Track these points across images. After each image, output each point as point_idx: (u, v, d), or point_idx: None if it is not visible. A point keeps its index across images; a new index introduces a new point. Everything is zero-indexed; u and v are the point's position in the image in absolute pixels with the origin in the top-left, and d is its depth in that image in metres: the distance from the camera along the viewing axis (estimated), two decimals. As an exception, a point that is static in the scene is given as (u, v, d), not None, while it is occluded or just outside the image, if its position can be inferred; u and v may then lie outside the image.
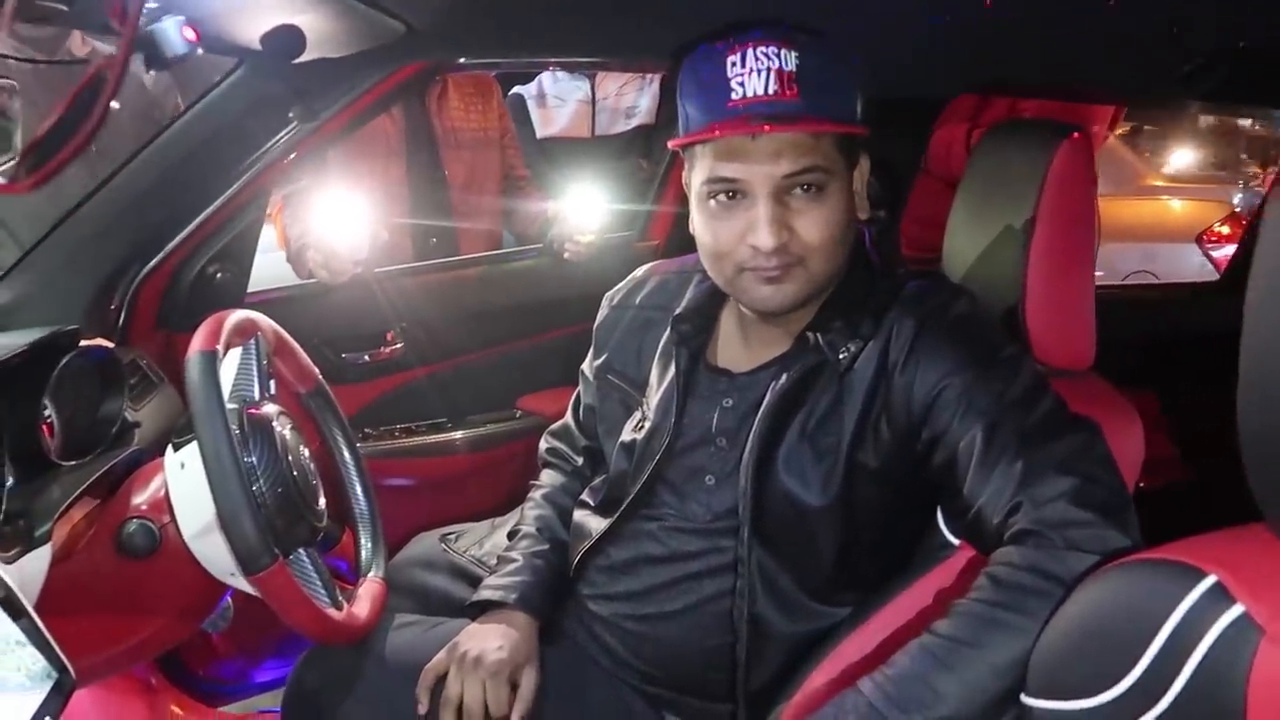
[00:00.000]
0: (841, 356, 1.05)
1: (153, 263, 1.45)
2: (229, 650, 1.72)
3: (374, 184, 1.94)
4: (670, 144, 1.09)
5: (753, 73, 0.99)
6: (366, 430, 1.81)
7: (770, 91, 0.99)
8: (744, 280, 1.06)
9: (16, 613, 0.88)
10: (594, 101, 2.53)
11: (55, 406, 1.18)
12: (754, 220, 1.01)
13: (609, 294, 1.33)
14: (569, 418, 1.39)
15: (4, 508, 1.00)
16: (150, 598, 1.07)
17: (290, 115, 1.32)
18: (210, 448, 0.95)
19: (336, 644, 1.09)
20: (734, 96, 0.99)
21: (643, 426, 1.19)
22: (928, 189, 2.18)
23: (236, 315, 1.09)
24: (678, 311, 1.19)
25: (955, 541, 1.03)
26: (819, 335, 1.07)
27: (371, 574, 1.23)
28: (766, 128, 0.98)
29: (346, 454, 1.31)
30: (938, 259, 1.34)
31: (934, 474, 1.02)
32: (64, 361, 1.14)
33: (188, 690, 1.66)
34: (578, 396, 1.38)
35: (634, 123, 2.56)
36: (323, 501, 1.14)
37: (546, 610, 1.22)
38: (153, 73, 2.16)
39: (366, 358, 1.78)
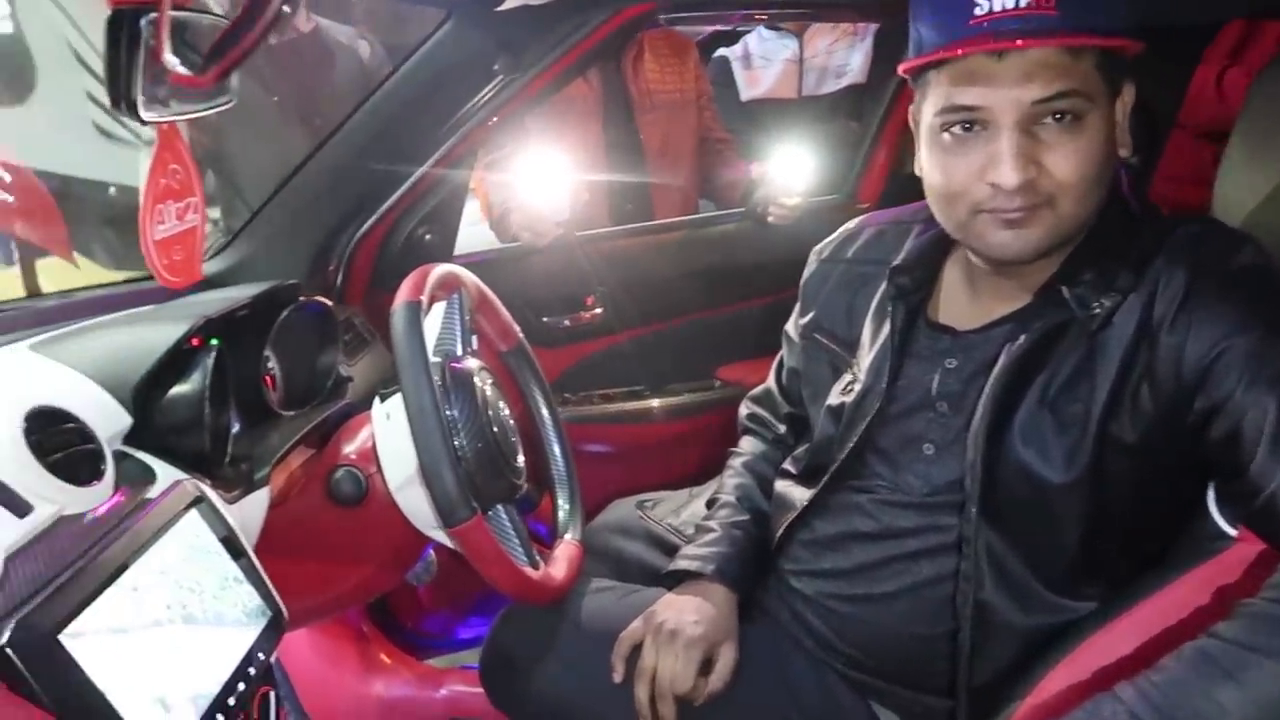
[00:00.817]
0: (1094, 312, 0.92)
1: (367, 225, 1.49)
2: (435, 605, 1.77)
3: (571, 149, 1.93)
4: (901, 68, 0.98)
5: None
6: (566, 395, 1.81)
7: (1021, 4, 0.86)
8: (979, 224, 0.94)
9: (236, 552, 0.91)
10: (801, 60, 2.41)
11: (277, 358, 1.23)
12: (995, 154, 0.89)
13: (817, 248, 1.23)
14: (771, 382, 1.31)
15: (229, 452, 1.04)
16: (357, 546, 1.09)
17: (495, 68, 1.31)
18: (413, 397, 0.94)
19: (532, 603, 1.07)
20: (978, 11, 0.87)
21: (852, 389, 1.10)
22: (1180, 144, 1.94)
23: (440, 269, 1.09)
24: (895, 263, 1.08)
25: (1232, 531, 0.87)
26: (1066, 288, 0.94)
27: (568, 536, 1.21)
28: (1019, 43, 0.86)
29: (545, 414, 1.29)
30: None
31: (1209, 451, 0.86)
32: (284, 314, 1.18)
33: (396, 641, 1.72)
34: (780, 359, 1.30)
35: (844, 82, 2.42)
36: (522, 459, 1.12)
37: (745, 584, 1.15)
38: (368, 46, 2.26)
39: (566, 322, 1.77)
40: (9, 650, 0.64)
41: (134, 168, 1.99)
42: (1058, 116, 0.88)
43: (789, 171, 1.89)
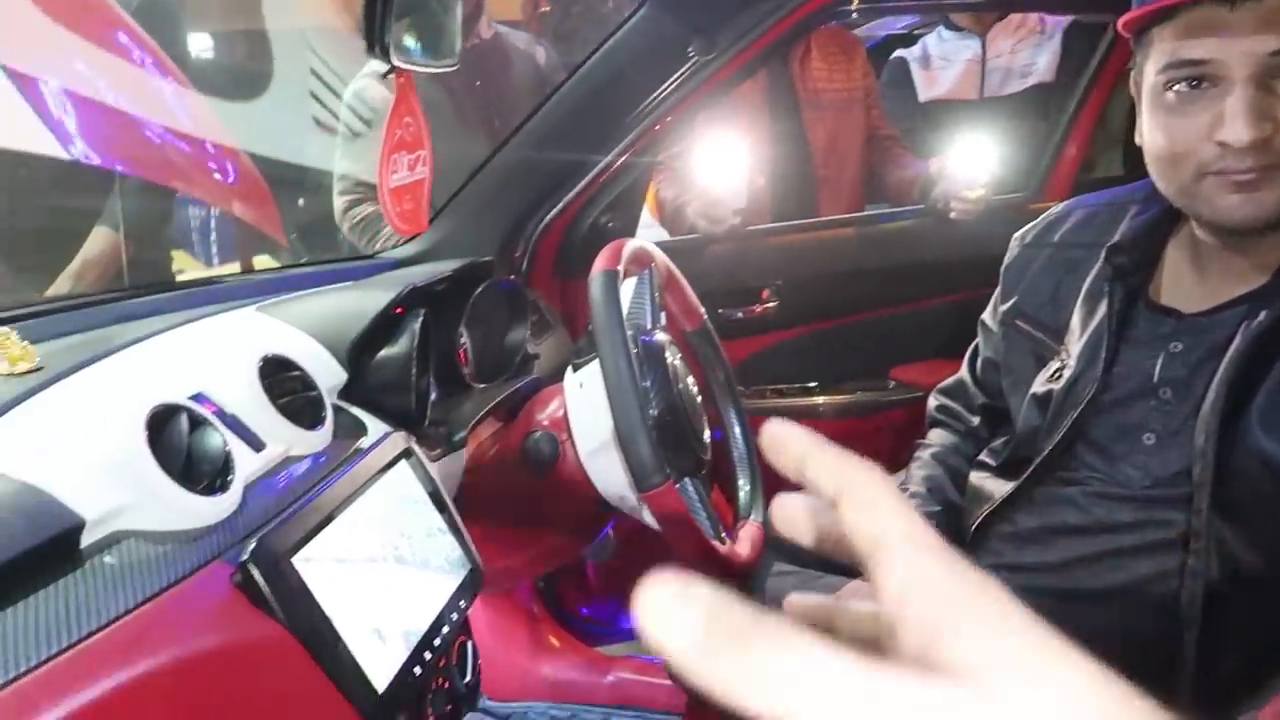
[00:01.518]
0: None
1: (553, 212, 1.53)
2: (603, 592, 1.79)
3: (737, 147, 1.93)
4: (1119, 23, 0.92)
5: None
6: (739, 388, 1.79)
7: None
8: (1206, 188, 0.87)
9: (440, 504, 0.94)
10: (984, 61, 2.33)
11: (468, 333, 1.27)
12: (1226, 110, 0.82)
13: (1019, 233, 1.18)
14: (964, 373, 1.26)
15: (429, 415, 1.08)
16: (545, 513, 1.11)
17: (689, 51, 1.32)
18: (610, 362, 0.95)
19: (714, 576, 1.05)
20: None
21: (1060, 376, 1.04)
22: None
23: (634, 243, 1.10)
24: (1113, 241, 1.02)
25: None
26: None
27: (751, 517, 1.19)
28: None
29: (728, 395, 1.28)
30: None
31: None
32: (479, 289, 1.23)
33: (564, 624, 1.74)
34: (975, 349, 1.24)
35: (1029, 82, 2.32)
36: (708, 434, 1.12)
37: (936, 576, 1.10)
38: (544, 52, 2.33)
39: (740, 314, 1.76)
40: (250, 565, 0.68)
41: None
42: None
43: (971, 165, 1.82)
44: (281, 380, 0.90)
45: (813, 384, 1.83)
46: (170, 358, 0.90)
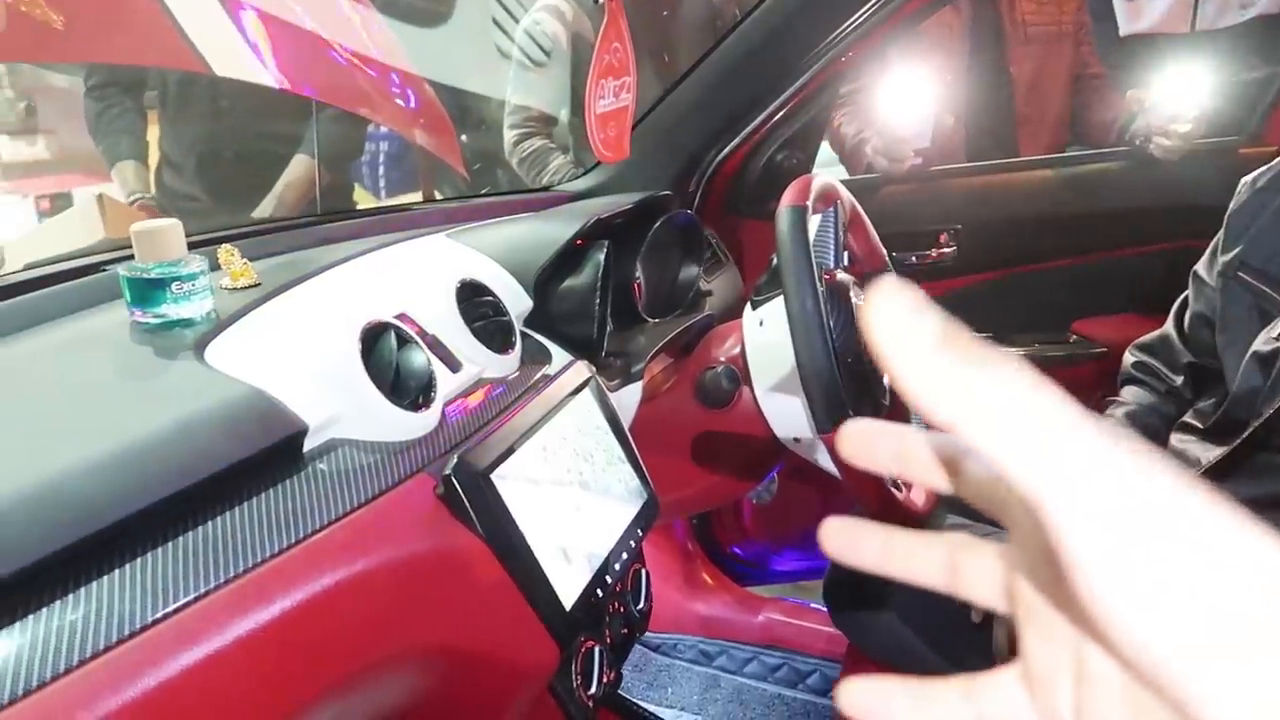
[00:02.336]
0: None
1: (728, 148, 1.51)
2: (757, 533, 1.79)
3: (931, 82, 1.83)
4: None
5: None
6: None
7: None
8: None
9: (620, 433, 0.96)
10: (1199, -12, 2.13)
11: (644, 267, 1.27)
12: None
13: (1249, 177, 1.08)
14: (1169, 327, 1.17)
15: (606, 347, 1.10)
16: (717, 448, 1.11)
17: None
18: (796, 299, 0.93)
19: (888, 521, 1.03)
20: None
21: None
22: None
23: (821, 178, 1.07)
24: None
25: None
26: None
27: (925, 467, 1.15)
28: None
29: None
30: None
31: None
32: (658, 223, 1.22)
33: (717, 563, 1.76)
34: (1183, 302, 1.16)
35: (1250, 13, 2.11)
36: (888, 380, 1.09)
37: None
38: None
39: (913, 259, 1.69)
40: (453, 479, 0.71)
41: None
42: None
43: (1178, 97, 1.67)
44: (475, 305, 0.93)
45: (989, 334, 1.75)
46: (375, 279, 0.94)
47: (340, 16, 1.60)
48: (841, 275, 1.07)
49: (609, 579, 0.84)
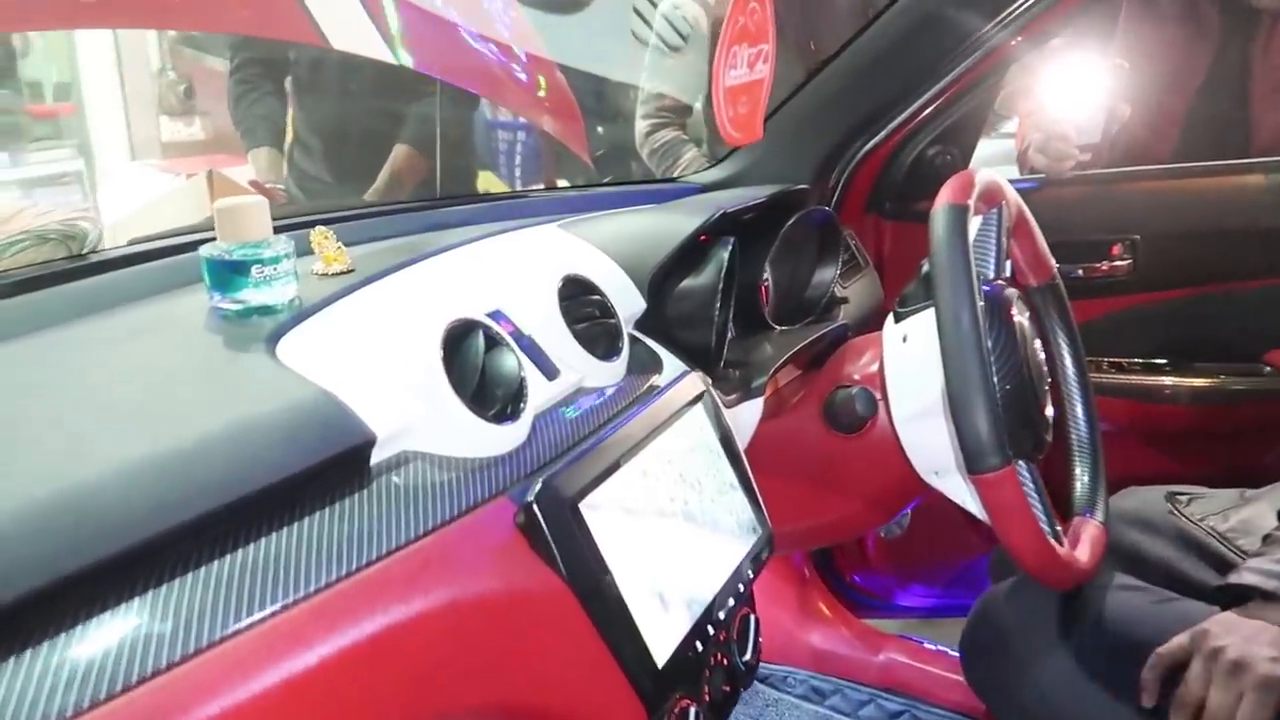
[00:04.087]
0: None
1: (875, 140, 1.37)
2: (881, 563, 1.64)
3: (1166, 71, 1.59)
4: None
5: None
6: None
7: None
8: None
9: (734, 456, 0.84)
10: None
11: (773, 268, 1.15)
12: None
13: None
14: None
15: (726, 356, 0.99)
16: (847, 477, 0.98)
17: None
18: (950, 314, 0.79)
19: (1048, 582, 0.88)
20: None
21: None
22: None
23: (985, 176, 0.92)
24: None
25: None
26: None
27: (1090, 515, 0.99)
28: None
29: (1071, 367, 1.08)
30: None
31: None
32: (791, 220, 1.10)
33: (835, 592, 1.62)
34: None
35: None
36: (1051, 411, 0.93)
37: (1341, 625, 0.86)
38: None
39: (1080, 271, 1.50)
40: (535, 507, 0.62)
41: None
42: None
43: None
44: (580, 303, 0.83)
45: (1163, 361, 1.54)
46: (473, 269, 0.85)
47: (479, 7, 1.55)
48: (1004, 287, 0.93)
49: (711, 628, 0.73)
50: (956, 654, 1.44)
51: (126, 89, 3.84)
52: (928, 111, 1.35)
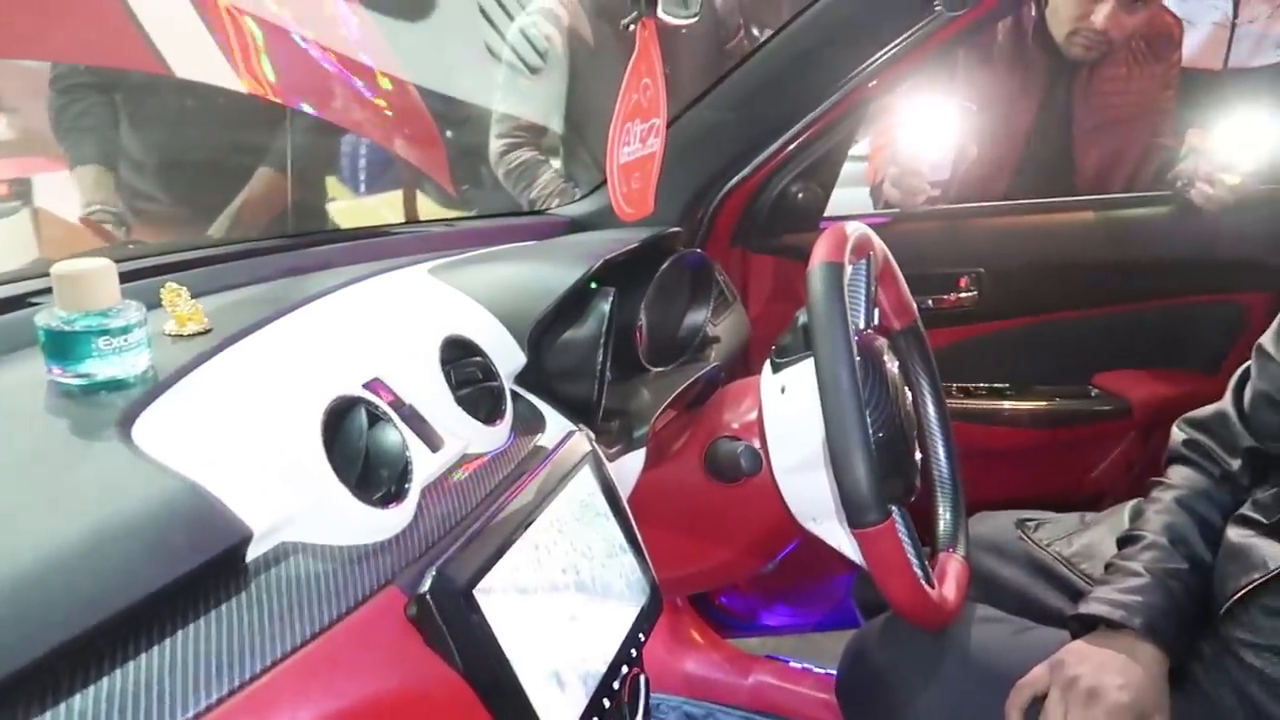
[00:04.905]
0: None
1: (741, 174, 1.39)
2: (748, 585, 1.68)
3: (1001, 114, 1.69)
4: None
5: None
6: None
7: None
8: None
9: (622, 516, 0.83)
10: (1234, 25, 2.03)
11: (647, 310, 1.15)
12: None
13: None
14: (1228, 405, 1.06)
15: (604, 405, 0.97)
16: (728, 525, 0.99)
17: (936, 5, 1.14)
18: (830, 372, 0.81)
19: (923, 625, 0.92)
20: None
21: None
22: None
23: (857, 229, 0.95)
24: None
25: None
26: None
27: (956, 552, 1.04)
28: None
29: (932, 407, 1.13)
30: None
31: None
32: (666, 264, 1.10)
33: (705, 616, 1.64)
34: (1244, 378, 1.05)
35: (1288, 52, 2.02)
36: (918, 455, 0.97)
37: (1180, 648, 0.94)
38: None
39: (930, 303, 1.58)
40: (429, 599, 0.59)
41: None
42: None
43: (1233, 143, 1.54)
44: (461, 366, 0.80)
45: (1006, 386, 1.64)
46: (345, 328, 0.81)
47: (321, 15, 1.46)
48: (873, 337, 0.96)
49: (607, 700, 0.71)
50: (822, 671, 1.49)
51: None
52: (791, 149, 1.39)
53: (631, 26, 0.70)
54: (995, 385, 1.64)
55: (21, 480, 0.55)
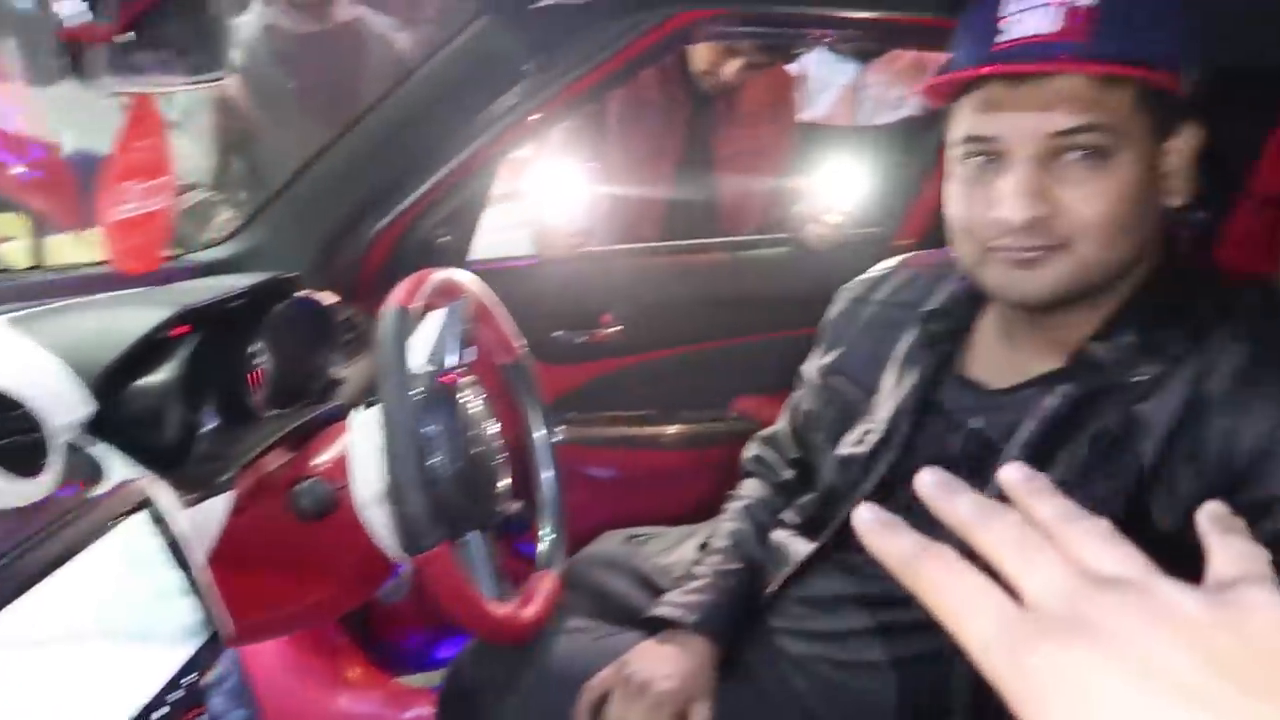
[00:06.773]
0: (1135, 380, 0.83)
1: (385, 220, 1.44)
2: (414, 620, 1.71)
3: (649, 154, 1.86)
4: (922, 90, 0.91)
5: (1034, 9, 0.79)
6: (571, 415, 1.74)
7: (1052, 30, 0.78)
8: (991, 265, 0.87)
9: (182, 562, 0.85)
10: (859, 88, 2.33)
11: (270, 354, 1.17)
12: (1003, 189, 0.81)
13: (847, 286, 1.16)
14: (783, 423, 1.23)
15: (197, 450, 0.99)
16: (319, 561, 1.03)
17: (524, 69, 1.25)
18: (388, 410, 0.88)
19: (496, 640, 1.00)
20: (1000, 37, 0.81)
21: (866, 440, 1.02)
22: (1245, 206, 1.82)
23: (439, 274, 1.03)
24: (929, 308, 1.00)
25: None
26: (1101, 348, 0.85)
27: (550, 568, 1.14)
28: (1032, 68, 0.78)
29: (535, 435, 1.23)
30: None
31: None
32: (276, 309, 1.13)
33: (371, 655, 1.66)
34: (794, 400, 1.22)
35: (901, 113, 2.34)
36: (505, 483, 1.06)
37: (729, 638, 1.08)
38: (409, 38, 2.22)
39: (579, 339, 1.70)
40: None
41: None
42: (1082, 152, 0.80)
43: (833, 189, 1.80)
44: (3, 419, 0.79)
45: (650, 412, 1.79)
46: None
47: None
48: (456, 376, 1.03)
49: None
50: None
51: None
52: (433, 196, 1.46)
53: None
54: (642, 413, 1.79)
55: None
